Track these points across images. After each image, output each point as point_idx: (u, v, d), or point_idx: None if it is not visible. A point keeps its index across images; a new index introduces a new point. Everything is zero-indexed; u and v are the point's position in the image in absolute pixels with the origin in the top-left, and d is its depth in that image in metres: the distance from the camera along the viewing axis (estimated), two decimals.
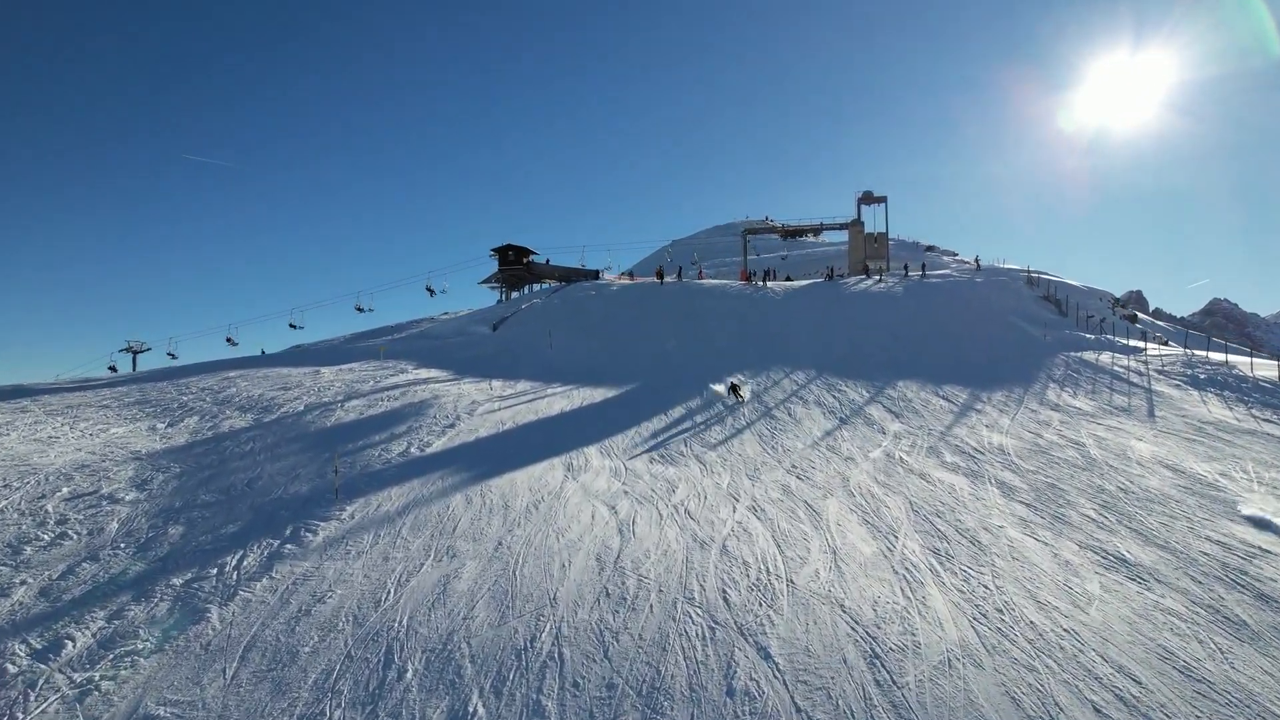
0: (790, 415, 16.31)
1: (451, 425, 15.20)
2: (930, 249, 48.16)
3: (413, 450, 13.40)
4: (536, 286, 41.52)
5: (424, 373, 21.39)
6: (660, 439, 14.68)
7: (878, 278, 32.72)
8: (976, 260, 37.96)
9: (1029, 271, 30.73)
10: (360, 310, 35.13)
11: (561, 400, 18.09)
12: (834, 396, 17.79)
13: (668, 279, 33.44)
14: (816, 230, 38.49)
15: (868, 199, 37.54)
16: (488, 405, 17.20)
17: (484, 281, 40.87)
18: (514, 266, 39.16)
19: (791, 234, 38.90)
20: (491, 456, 13.16)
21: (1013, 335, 24.14)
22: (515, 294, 41.07)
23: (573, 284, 36.71)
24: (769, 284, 32.33)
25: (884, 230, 37.06)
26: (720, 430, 15.34)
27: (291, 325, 35.08)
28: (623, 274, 38.99)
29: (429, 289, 34.90)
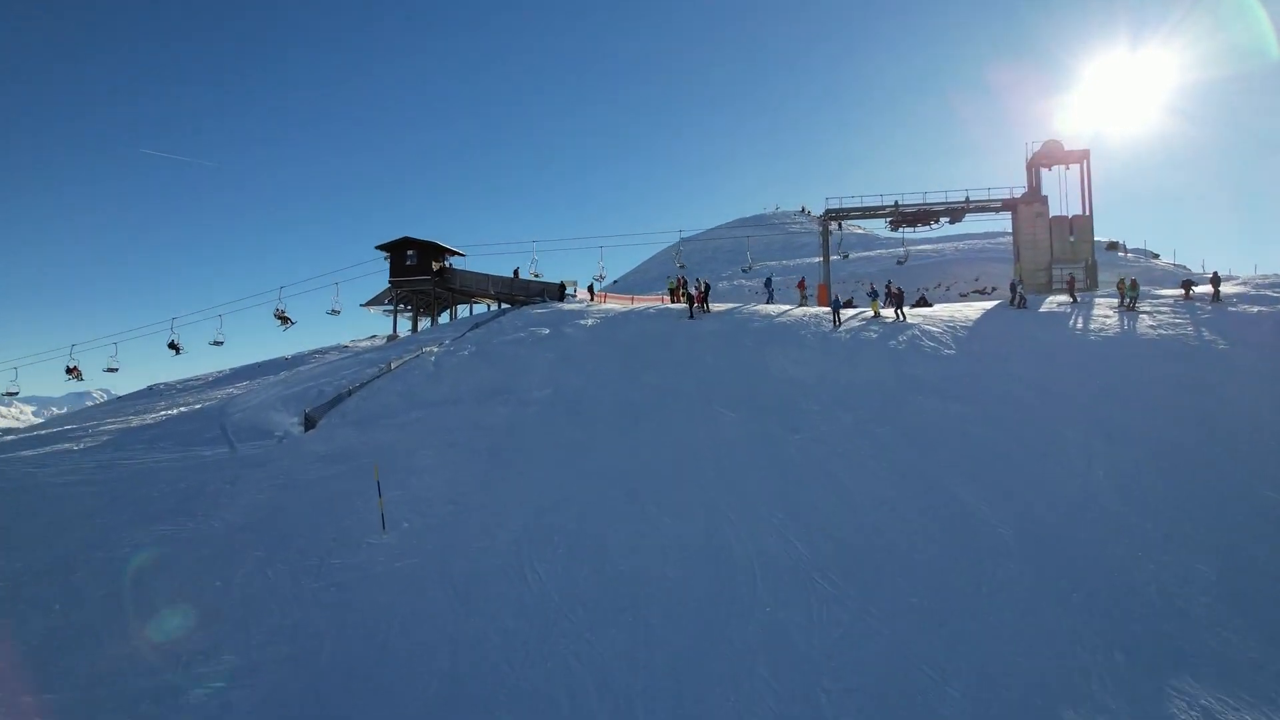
0: None
1: None
2: (1113, 246, 32.99)
3: None
4: (465, 310, 26.55)
5: None
6: None
7: (1122, 302, 17.35)
8: None
9: None
10: (283, 319, 22.19)
11: None
12: None
13: (683, 304, 18.32)
14: (958, 212, 23.39)
15: (1051, 156, 22.47)
16: None
17: (369, 303, 25.70)
18: (415, 277, 23.85)
19: (910, 221, 23.68)
20: None
21: None
22: (427, 323, 25.96)
23: (516, 308, 21.61)
24: (905, 312, 17.13)
25: (1085, 213, 22.08)
26: None
27: (171, 347, 21.57)
28: (599, 292, 23.83)
29: None
